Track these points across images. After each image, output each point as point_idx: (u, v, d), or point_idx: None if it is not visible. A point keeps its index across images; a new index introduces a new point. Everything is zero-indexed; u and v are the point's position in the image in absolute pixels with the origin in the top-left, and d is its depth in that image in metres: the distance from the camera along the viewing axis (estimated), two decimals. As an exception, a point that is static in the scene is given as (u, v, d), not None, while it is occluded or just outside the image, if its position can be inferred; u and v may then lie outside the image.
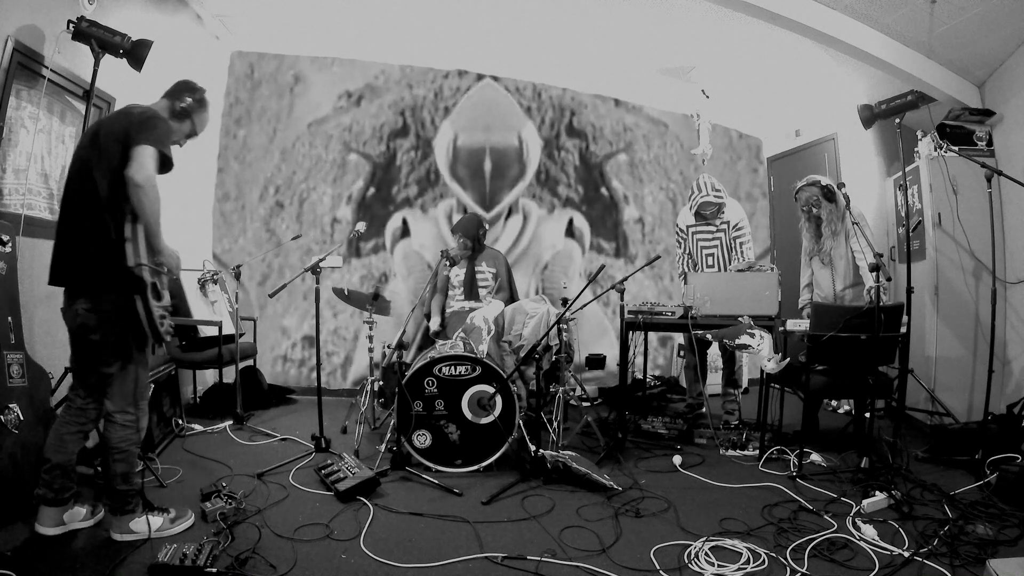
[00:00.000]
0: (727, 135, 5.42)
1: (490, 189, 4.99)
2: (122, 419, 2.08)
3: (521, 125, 5.05)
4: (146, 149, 1.92)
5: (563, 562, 2.01)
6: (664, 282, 5.25)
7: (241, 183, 4.79)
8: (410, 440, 2.93)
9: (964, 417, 3.54)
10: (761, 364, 3.21)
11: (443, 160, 4.93)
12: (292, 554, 2.01)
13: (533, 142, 5.06)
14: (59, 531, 2.06)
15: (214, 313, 3.95)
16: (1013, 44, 3.52)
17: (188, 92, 2.26)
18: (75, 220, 2.01)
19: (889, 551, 2.04)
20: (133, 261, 1.96)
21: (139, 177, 1.89)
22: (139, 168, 1.89)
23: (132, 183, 1.89)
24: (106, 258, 1.96)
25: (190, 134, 2.31)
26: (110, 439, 2.07)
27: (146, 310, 1.99)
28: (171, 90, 2.28)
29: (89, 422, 2.14)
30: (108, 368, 2.06)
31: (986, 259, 3.49)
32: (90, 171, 1.99)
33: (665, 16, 3.97)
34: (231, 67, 4.77)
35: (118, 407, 2.08)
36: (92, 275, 1.99)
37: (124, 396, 2.09)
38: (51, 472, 2.04)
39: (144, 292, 1.98)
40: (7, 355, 2.25)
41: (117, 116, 2.07)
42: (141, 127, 1.96)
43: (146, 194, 1.90)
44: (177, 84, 2.29)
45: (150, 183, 1.91)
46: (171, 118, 2.20)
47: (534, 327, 3.52)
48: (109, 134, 1.99)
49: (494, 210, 4.99)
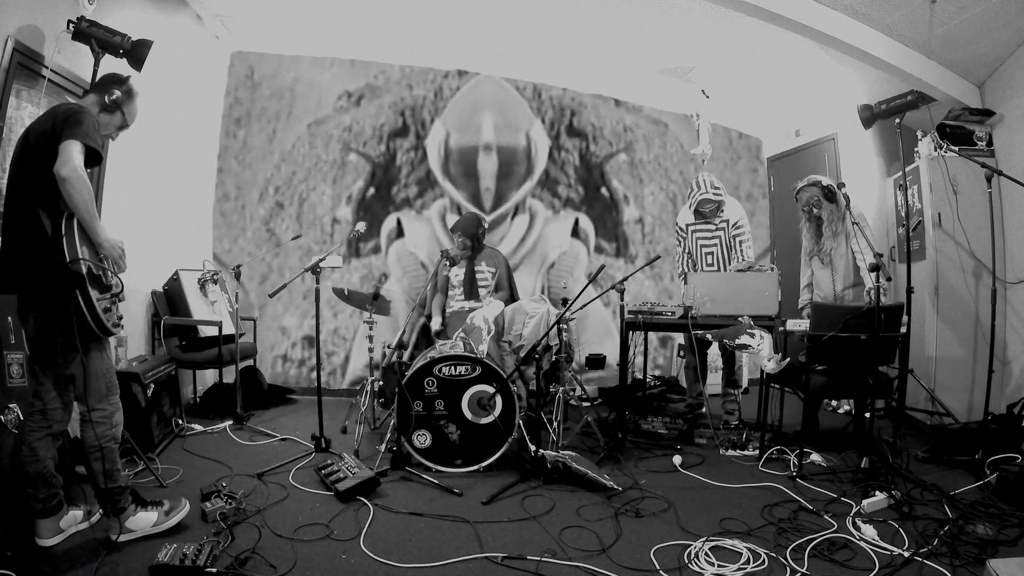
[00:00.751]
0: (727, 135, 5.42)
1: (496, 188, 4.99)
2: (97, 416, 2.07)
3: (529, 124, 5.06)
4: (71, 144, 1.93)
5: (563, 562, 2.02)
6: (664, 282, 5.25)
7: (241, 183, 4.79)
8: (410, 440, 2.93)
9: (964, 417, 3.53)
10: (761, 364, 3.21)
11: (435, 159, 4.94)
12: (292, 554, 2.01)
13: (541, 141, 5.07)
14: (60, 539, 2.05)
15: (214, 313, 3.95)
16: (1013, 44, 3.52)
17: (116, 84, 2.25)
18: (14, 224, 2.00)
19: (889, 551, 2.04)
20: (70, 256, 1.95)
21: (64, 171, 1.89)
22: (64, 162, 1.90)
23: (59, 177, 1.89)
24: (44, 257, 1.95)
25: (121, 126, 2.30)
26: (87, 439, 2.06)
27: (87, 303, 1.98)
28: (98, 83, 2.27)
29: (57, 423, 2.10)
30: (68, 369, 2.04)
31: (986, 259, 3.49)
32: (24, 174, 1.99)
33: (665, 16, 3.97)
34: (231, 67, 4.77)
35: (90, 405, 2.06)
36: (35, 277, 1.97)
37: (93, 393, 2.07)
38: (33, 484, 2.02)
39: (83, 285, 1.97)
40: (7, 355, 2.25)
41: (44, 116, 2.07)
42: (66, 123, 1.97)
43: (74, 187, 1.90)
44: (104, 77, 2.29)
45: (75, 175, 1.91)
46: (101, 112, 2.19)
47: (534, 327, 3.52)
48: (38, 134, 2.00)
49: (500, 208, 5.00)
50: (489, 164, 4.98)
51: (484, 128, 4.99)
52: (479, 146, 4.97)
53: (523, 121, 5.05)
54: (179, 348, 3.74)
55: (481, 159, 4.98)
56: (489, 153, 4.99)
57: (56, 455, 2.11)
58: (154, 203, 3.79)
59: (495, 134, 5.00)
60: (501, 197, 5.01)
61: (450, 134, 4.95)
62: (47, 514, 2.04)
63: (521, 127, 5.04)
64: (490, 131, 4.99)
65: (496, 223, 4.99)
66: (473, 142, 4.97)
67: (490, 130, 4.99)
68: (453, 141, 4.96)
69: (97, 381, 2.08)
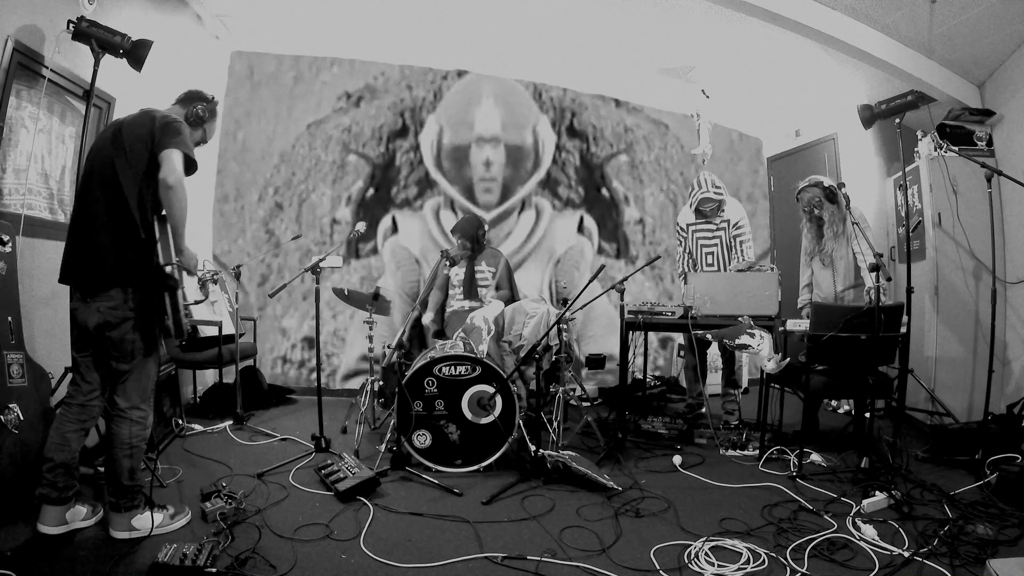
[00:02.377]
0: (728, 136, 5.42)
1: (503, 183, 5.01)
2: (136, 415, 2.11)
3: (536, 120, 5.07)
4: (175, 153, 2.00)
5: (563, 562, 2.01)
6: (664, 283, 5.25)
7: (240, 184, 4.79)
8: (410, 440, 2.93)
9: (964, 417, 3.53)
10: (761, 364, 3.21)
11: (428, 155, 4.95)
12: (292, 554, 2.01)
13: (548, 138, 5.09)
14: (62, 530, 2.06)
15: (214, 313, 3.95)
16: (1013, 44, 3.52)
17: (201, 100, 2.33)
18: (98, 218, 2.03)
19: (889, 551, 2.04)
20: (164, 259, 2.04)
21: (171, 179, 1.97)
22: (171, 171, 1.97)
23: (165, 185, 1.96)
24: (137, 256, 2.02)
25: (200, 141, 2.37)
26: (121, 435, 2.09)
27: (174, 306, 2.06)
28: (184, 97, 2.34)
29: (91, 419, 2.15)
30: (125, 365, 2.08)
31: (986, 259, 3.48)
32: (113, 170, 2.03)
33: (665, 16, 3.97)
34: (231, 67, 4.76)
35: (132, 403, 2.10)
36: (120, 273, 2.02)
37: (139, 392, 2.12)
38: (54, 471, 2.04)
39: (176, 289, 2.06)
40: (7, 355, 2.25)
41: (139, 118, 2.12)
42: (166, 130, 2.03)
43: (176, 195, 1.98)
44: (189, 92, 2.36)
45: (180, 185, 1.99)
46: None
47: (534, 327, 3.52)
48: (133, 135, 2.04)
49: (506, 204, 5.01)
50: (486, 157, 4.99)
51: (479, 122, 5.00)
52: (502, 141, 5.00)
53: (529, 117, 5.06)
54: (179, 348, 3.74)
55: (474, 153, 4.98)
56: (484, 146, 4.99)
57: (81, 449, 2.15)
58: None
59: (501, 129, 5.01)
60: (506, 193, 5.02)
61: (444, 129, 4.96)
62: (59, 503, 2.05)
63: (527, 123, 5.06)
64: (493, 125, 5.00)
65: (501, 218, 5.00)
66: (466, 140, 4.97)
67: (492, 124, 5.00)
68: (447, 137, 4.96)
69: (148, 381, 2.15)
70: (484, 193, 5.00)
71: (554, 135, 5.10)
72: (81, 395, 2.12)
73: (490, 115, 5.00)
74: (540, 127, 5.09)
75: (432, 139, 4.96)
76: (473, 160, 4.99)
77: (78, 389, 2.14)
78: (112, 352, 2.08)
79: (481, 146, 4.99)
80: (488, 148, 5.00)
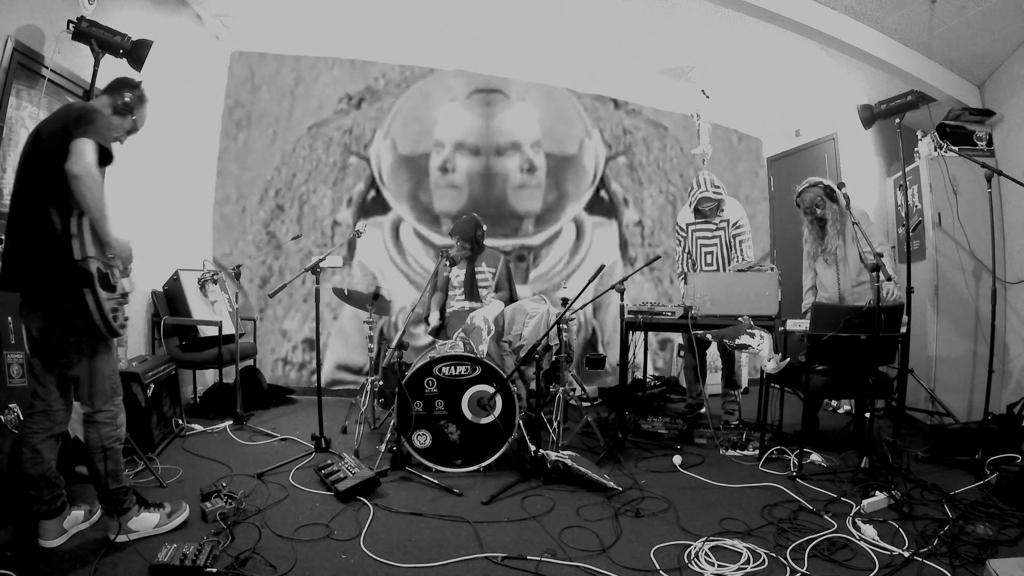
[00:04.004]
0: (727, 138, 5.42)
1: (544, 197, 5.04)
2: (101, 417, 2.06)
3: (587, 134, 5.13)
4: (84, 142, 1.91)
5: (563, 562, 2.01)
6: (664, 285, 5.24)
7: (241, 186, 4.79)
8: (410, 440, 2.93)
9: (964, 417, 3.53)
10: (761, 364, 3.21)
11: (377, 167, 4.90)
12: (292, 554, 2.01)
13: (599, 152, 5.14)
14: (63, 540, 2.05)
15: (214, 313, 3.96)
16: (1013, 44, 3.52)
17: (128, 88, 2.25)
18: (21, 221, 1.99)
19: (889, 551, 2.04)
20: (80, 255, 1.93)
21: (77, 168, 1.87)
22: (77, 159, 1.88)
23: (71, 175, 1.87)
24: (53, 254, 1.93)
25: (131, 130, 2.30)
26: (91, 441, 2.05)
27: (96, 303, 1.96)
28: (110, 86, 2.27)
29: (58, 424, 2.08)
30: (72, 370, 2.02)
31: (986, 259, 3.48)
32: (34, 171, 1.98)
33: (665, 16, 3.97)
34: (231, 68, 4.77)
35: (95, 407, 2.05)
36: (42, 275, 1.95)
37: (99, 394, 2.06)
38: (36, 486, 2.01)
39: (92, 284, 1.95)
40: (7, 355, 2.25)
41: (56, 115, 2.06)
42: (79, 122, 1.95)
43: (85, 185, 1.88)
44: (116, 80, 2.29)
45: (88, 172, 1.89)
46: (112, 114, 2.19)
47: (534, 327, 3.52)
48: (49, 132, 1.98)
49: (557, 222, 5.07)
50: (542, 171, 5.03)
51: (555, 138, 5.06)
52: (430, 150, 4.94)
53: (578, 129, 5.10)
54: (179, 348, 3.74)
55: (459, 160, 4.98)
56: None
57: (57, 456, 2.10)
58: (154, 204, 3.78)
59: (556, 144, 5.07)
60: (555, 206, 5.05)
61: (396, 143, 4.91)
62: (52, 515, 2.03)
63: (576, 136, 5.09)
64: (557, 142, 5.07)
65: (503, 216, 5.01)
66: (414, 151, 4.91)
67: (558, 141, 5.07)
68: (400, 149, 4.92)
69: (104, 382, 2.07)
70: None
71: (604, 147, 5.14)
72: (41, 401, 2.06)
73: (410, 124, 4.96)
74: (590, 142, 5.13)
75: (378, 152, 4.95)
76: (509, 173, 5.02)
77: (37, 396, 2.07)
78: (59, 359, 2.02)
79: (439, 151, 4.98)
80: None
